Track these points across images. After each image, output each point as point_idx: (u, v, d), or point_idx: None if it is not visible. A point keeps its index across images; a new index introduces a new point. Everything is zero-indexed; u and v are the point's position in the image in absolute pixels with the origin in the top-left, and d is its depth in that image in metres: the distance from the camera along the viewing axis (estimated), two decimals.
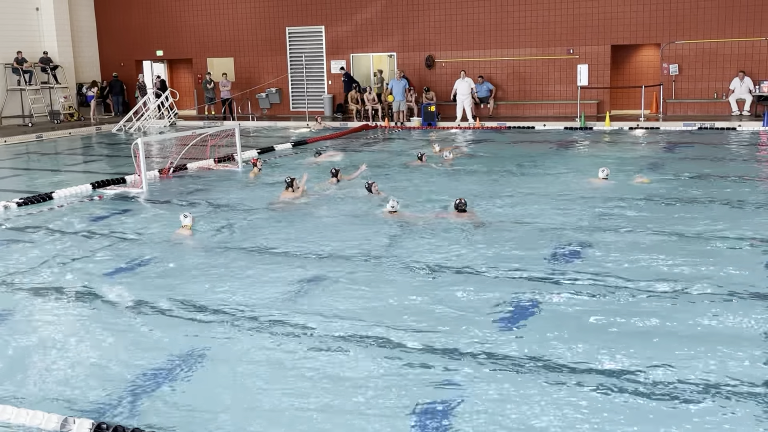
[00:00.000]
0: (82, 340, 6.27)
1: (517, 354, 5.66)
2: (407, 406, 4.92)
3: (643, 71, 24.62)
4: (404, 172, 14.33)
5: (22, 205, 11.99)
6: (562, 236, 9.07)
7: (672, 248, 8.38)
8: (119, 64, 29.92)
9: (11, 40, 26.22)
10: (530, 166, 14.76)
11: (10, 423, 4.84)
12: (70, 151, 20.61)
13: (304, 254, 8.66)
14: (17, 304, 7.26)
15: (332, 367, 5.55)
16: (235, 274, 7.99)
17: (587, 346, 5.76)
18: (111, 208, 11.78)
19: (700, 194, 11.43)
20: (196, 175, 14.87)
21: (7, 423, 4.84)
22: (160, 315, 6.81)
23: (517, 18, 24.22)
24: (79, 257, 8.92)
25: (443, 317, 6.49)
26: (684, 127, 20.79)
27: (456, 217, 10.15)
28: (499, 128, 22.49)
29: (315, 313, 6.66)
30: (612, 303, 6.72)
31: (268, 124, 25.79)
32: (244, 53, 28.25)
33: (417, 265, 8.03)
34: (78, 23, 29.26)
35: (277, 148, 18.59)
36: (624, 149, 17.27)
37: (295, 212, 11.00)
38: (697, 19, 22.30)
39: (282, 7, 27.28)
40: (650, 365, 5.36)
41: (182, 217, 10.03)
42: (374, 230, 9.68)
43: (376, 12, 25.97)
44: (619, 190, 11.84)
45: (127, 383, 5.38)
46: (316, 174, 13.65)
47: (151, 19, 29.37)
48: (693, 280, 7.21)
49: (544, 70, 24.30)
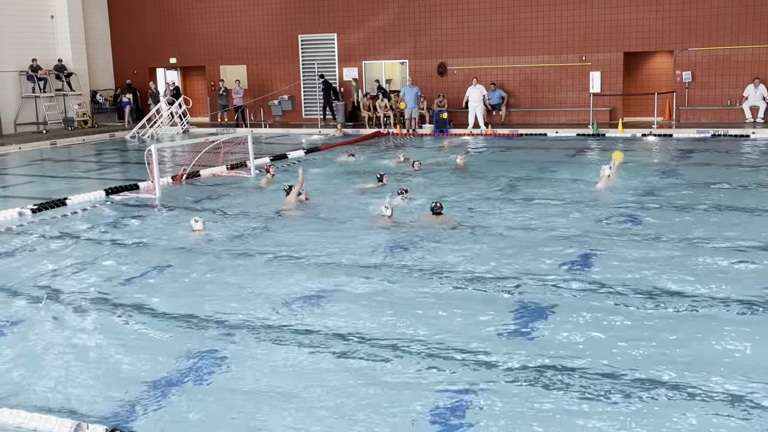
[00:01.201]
0: (95, 346, 6.29)
1: (525, 362, 5.63)
2: (419, 412, 4.92)
3: (656, 78, 24.56)
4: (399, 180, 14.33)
5: (37, 212, 12.06)
6: (570, 242, 9.04)
7: (685, 258, 8.34)
8: (133, 71, 30.11)
9: (26, 47, 26.44)
10: (535, 172, 14.74)
11: (24, 427, 4.86)
12: (84, 157, 20.73)
13: (314, 261, 8.67)
14: (30, 310, 7.30)
15: (343, 374, 5.55)
16: (246, 280, 8.01)
17: (598, 352, 5.74)
18: (124, 215, 11.84)
19: (713, 202, 11.37)
20: (208, 182, 14.92)
21: (20, 427, 4.87)
22: (173, 322, 6.82)
23: (529, 25, 24.21)
24: (92, 263, 8.96)
25: (452, 323, 6.48)
26: (697, 134, 20.70)
27: (432, 220, 10.26)
28: (510, 135, 22.46)
29: (325, 320, 6.67)
30: (622, 311, 6.69)
31: (281, 131, 25.88)
32: (257, 61, 28.37)
33: (426, 272, 8.03)
34: (92, 31, 29.47)
35: (290, 155, 18.63)
36: (636, 156, 17.21)
37: (303, 218, 11.02)
38: (710, 26, 22.23)
39: (294, 15, 27.39)
40: (662, 374, 5.34)
41: (193, 222, 10.20)
42: (379, 235, 9.69)
43: (389, 19, 26.03)
44: (627, 195, 11.81)
45: (140, 389, 5.40)
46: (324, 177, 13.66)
47: (164, 26, 29.55)
48: (707, 288, 7.18)
49: (556, 77, 24.27)
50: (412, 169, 15.32)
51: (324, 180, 14.68)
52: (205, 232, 10.10)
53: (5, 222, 11.43)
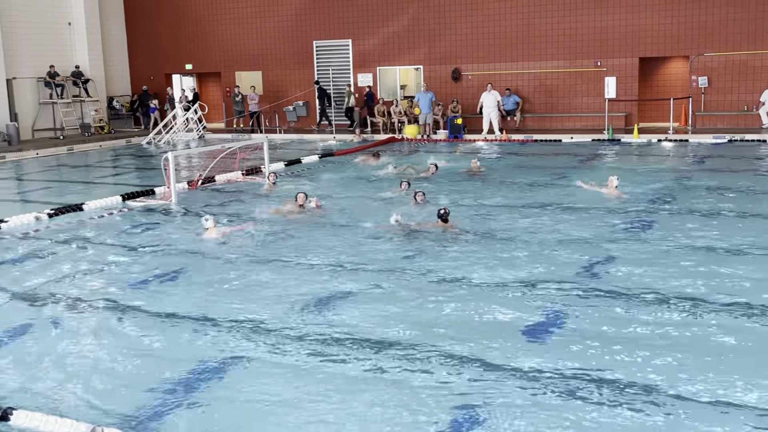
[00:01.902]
0: (111, 351, 6.33)
1: (543, 367, 5.62)
2: (433, 420, 4.91)
3: (672, 83, 24.43)
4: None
5: (53, 216, 12.16)
6: (587, 249, 9.01)
7: (702, 262, 8.30)
8: (149, 77, 30.30)
9: (44, 54, 26.68)
10: (546, 179, 14.70)
11: (40, 430, 4.90)
12: (100, 163, 20.88)
13: (328, 266, 8.68)
14: (47, 314, 7.36)
15: (355, 380, 5.56)
16: (260, 285, 8.04)
17: (615, 359, 5.71)
18: (140, 220, 11.91)
19: (730, 207, 11.30)
20: (223, 187, 14.98)
21: (36, 430, 4.90)
22: (188, 326, 6.85)
23: (544, 31, 24.17)
24: (108, 268, 9.03)
25: (468, 330, 6.47)
26: (713, 139, 20.58)
27: (438, 226, 10.30)
28: (525, 141, 22.40)
29: (337, 326, 6.68)
30: (639, 316, 6.66)
31: (296, 137, 25.95)
32: (272, 67, 28.48)
33: (441, 278, 8.02)
34: (109, 37, 29.70)
35: (304, 161, 18.68)
36: (652, 161, 17.14)
37: (316, 223, 11.04)
38: (726, 31, 22.10)
39: (309, 21, 27.48)
40: (681, 380, 5.31)
41: (204, 221, 10.38)
42: (393, 242, 9.70)
43: (403, 25, 26.07)
44: (642, 200, 11.76)
45: (155, 393, 5.42)
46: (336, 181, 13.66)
47: (180, 33, 29.73)
48: (726, 294, 7.14)
49: (571, 82, 24.21)
50: (429, 173, 15.31)
51: (338, 185, 14.72)
52: (216, 231, 10.21)
53: (22, 226, 11.53)
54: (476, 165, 15.87)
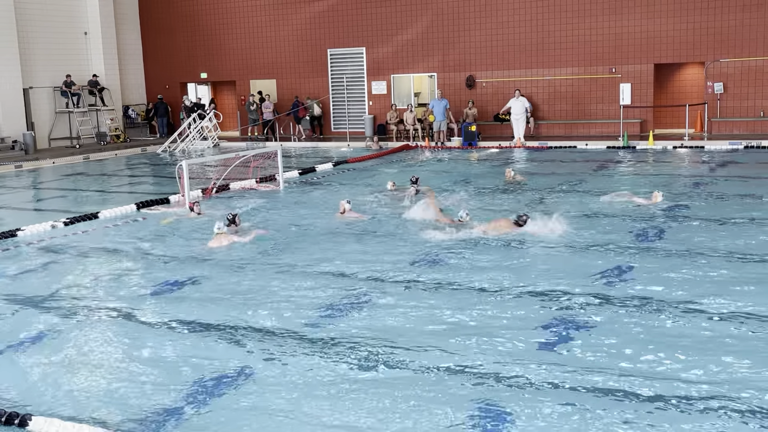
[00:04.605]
0: (127, 358, 6.34)
1: (563, 375, 5.58)
2: (451, 427, 4.89)
3: (687, 90, 24.33)
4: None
5: (69, 224, 12.22)
6: (609, 257, 8.97)
7: (723, 272, 8.24)
8: (164, 86, 30.50)
9: (60, 63, 26.93)
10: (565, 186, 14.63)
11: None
12: (116, 172, 21.00)
13: (348, 273, 8.68)
14: (64, 321, 7.38)
15: (364, 386, 5.54)
16: (274, 292, 8.03)
17: (636, 366, 5.67)
18: (154, 228, 11.95)
19: (748, 215, 11.21)
20: (238, 195, 15.02)
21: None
22: (202, 334, 6.86)
23: (558, 37, 24.13)
24: (122, 276, 9.05)
25: (489, 336, 6.43)
26: (729, 146, 20.45)
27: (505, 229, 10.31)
28: (540, 148, 22.33)
29: (355, 332, 6.67)
30: (659, 324, 6.61)
31: (310, 145, 26.01)
32: (287, 75, 28.58)
33: (465, 284, 8.00)
34: (124, 47, 29.93)
35: (318, 169, 18.70)
36: (669, 168, 17.05)
37: (336, 230, 11.04)
38: (742, 37, 21.99)
39: (323, 30, 27.57)
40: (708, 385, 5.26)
41: (215, 228, 10.49)
42: (418, 247, 9.68)
43: (417, 33, 26.11)
44: (663, 208, 11.69)
45: (171, 400, 5.42)
46: None
47: (195, 42, 29.91)
48: (747, 301, 7.08)
49: (586, 89, 24.14)
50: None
51: (360, 191, 14.74)
52: (226, 238, 10.25)
53: (39, 234, 11.60)
54: (510, 174, 15.73)
